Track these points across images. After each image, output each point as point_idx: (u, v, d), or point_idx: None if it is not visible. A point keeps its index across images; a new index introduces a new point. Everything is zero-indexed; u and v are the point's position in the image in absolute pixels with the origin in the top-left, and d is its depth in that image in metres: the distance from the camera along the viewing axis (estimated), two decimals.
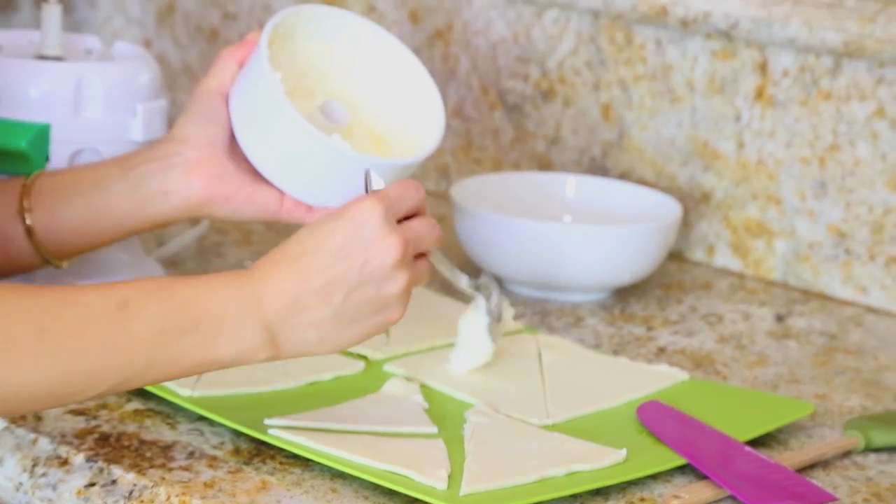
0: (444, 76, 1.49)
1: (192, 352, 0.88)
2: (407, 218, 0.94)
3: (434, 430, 0.99)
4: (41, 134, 1.13)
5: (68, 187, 1.06)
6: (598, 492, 0.95)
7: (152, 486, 0.93)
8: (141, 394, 1.03)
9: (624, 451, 0.97)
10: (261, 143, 1.03)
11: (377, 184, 0.95)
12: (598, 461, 0.96)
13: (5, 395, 0.85)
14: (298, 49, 1.07)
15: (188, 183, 1.04)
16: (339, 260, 0.90)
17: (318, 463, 0.95)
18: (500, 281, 1.28)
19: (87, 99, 1.15)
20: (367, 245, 0.91)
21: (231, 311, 0.89)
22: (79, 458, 0.96)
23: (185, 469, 0.94)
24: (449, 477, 0.93)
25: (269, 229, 1.37)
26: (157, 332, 0.87)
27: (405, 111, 1.08)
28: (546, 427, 1.02)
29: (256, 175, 1.04)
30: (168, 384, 1.02)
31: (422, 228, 0.94)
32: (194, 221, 1.31)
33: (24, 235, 1.06)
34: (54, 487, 0.95)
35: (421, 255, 0.95)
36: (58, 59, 1.17)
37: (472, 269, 1.31)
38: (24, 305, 0.85)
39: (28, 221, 1.05)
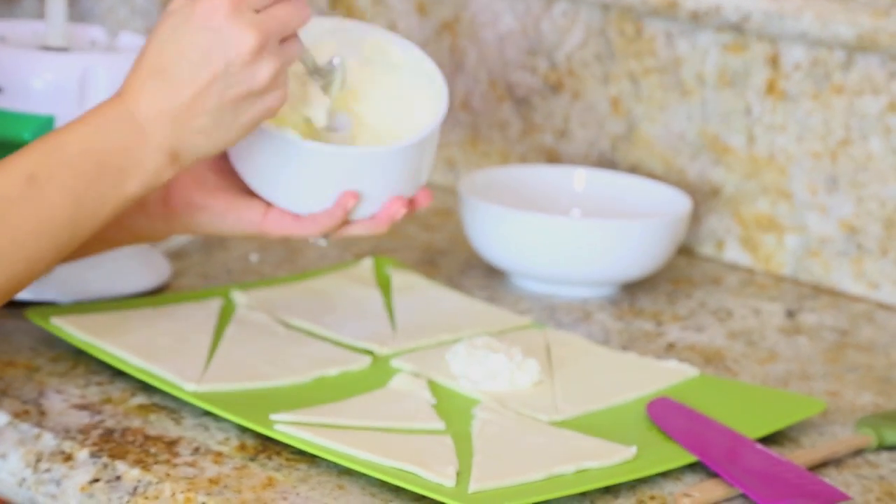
0: (451, 69, 1.48)
1: (107, 196, 0.93)
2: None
3: (442, 426, 0.99)
4: (45, 126, 1.12)
5: None
6: (607, 489, 0.94)
7: (157, 482, 0.92)
8: (145, 389, 1.03)
9: (634, 449, 0.96)
10: (237, 148, 1.01)
11: None
12: (608, 458, 0.95)
13: None
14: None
15: (164, 193, 1.02)
16: (200, 67, 0.92)
17: (325, 459, 0.94)
18: (507, 275, 1.27)
19: (91, 90, 1.14)
20: (223, 46, 0.92)
21: (126, 145, 0.93)
22: (83, 454, 0.95)
23: (191, 465, 0.94)
24: (457, 474, 0.92)
25: None
26: (70, 190, 0.91)
27: (412, 107, 1.05)
28: (555, 423, 1.01)
29: (244, 191, 1.02)
30: (172, 378, 1.01)
31: (284, 13, 0.94)
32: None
33: None
34: (58, 483, 0.95)
35: (290, 38, 0.95)
36: (62, 49, 1.17)
37: (480, 263, 1.30)
38: None
39: None
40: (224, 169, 1.03)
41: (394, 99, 1.05)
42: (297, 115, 1.03)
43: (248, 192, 1.03)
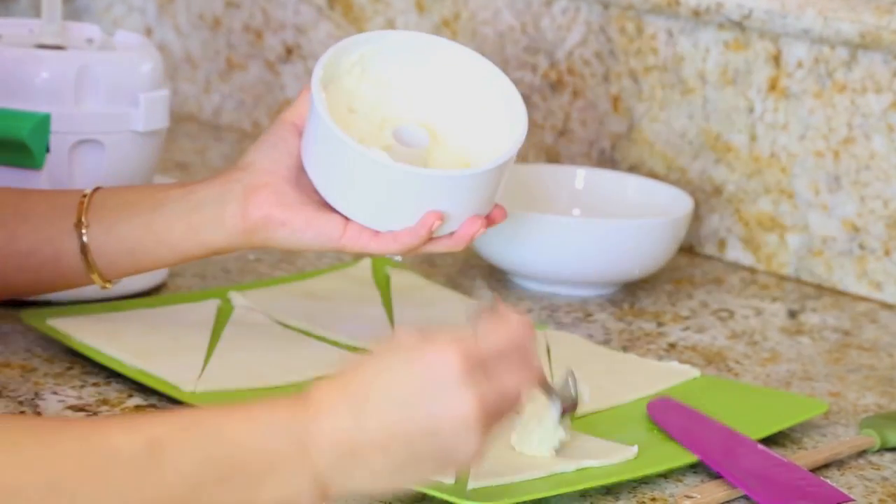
0: None
1: (229, 500, 0.78)
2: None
3: None
4: (41, 124, 1.12)
5: (128, 205, 1.02)
6: (608, 490, 0.94)
7: None
8: (142, 390, 1.02)
9: (635, 448, 0.95)
10: (317, 164, 1.00)
11: (476, 314, 0.83)
12: (609, 458, 0.95)
13: None
14: (378, 78, 1.03)
15: (243, 207, 1.00)
16: (404, 411, 0.78)
17: None
18: (507, 275, 1.27)
19: (88, 88, 1.13)
20: (435, 402, 0.78)
21: (279, 456, 0.78)
22: None
23: None
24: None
25: None
26: (192, 481, 0.77)
27: (489, 131, 1.03)
28: None
29: (322, 205, 1.00)
30: (170, 379, 1.00)
31: (513, 384, 0.80)
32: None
33: (78, 252, 1.02)
34: None
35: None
36: (58, 48, 1.16)
37: (480, 263, 1.29)
38: (39, 452, 0.75)
39: (84, 238, 1.02)
40: (303, 184, 1.01)
41: (469, 115, 1.03)
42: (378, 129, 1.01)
43: (327, 208, 1.00)
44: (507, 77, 1.03)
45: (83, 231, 1.02)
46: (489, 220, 1.02)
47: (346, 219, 1.00)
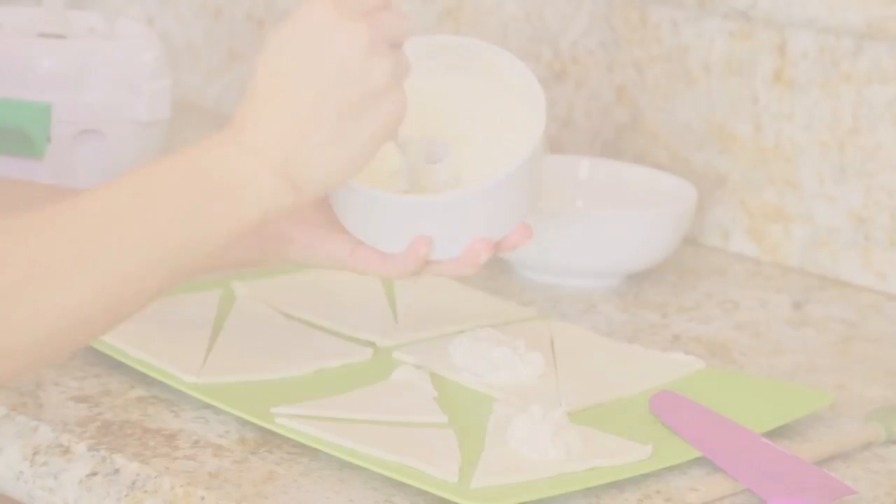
0: None
1: (223, 218, 0.87)
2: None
3: (444, 419, 0.98)
4: (42, 113, 1.11)
5: None
6: (612, 484, 0.93)
7: (156, 476, 0.91)
8: (144, 381, 1.02)
9: (649, 448, 0.95)
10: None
11: None
12: (621, 457, 0.94)
13: (56, 329, 0.83)
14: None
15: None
16: (312, 76, 0.86)
17: (326, 453, 0.93)
18: (510, 266, 1.26)
19: (89, 78, 1.13)
20: (335, 44, 0.86)
21: (244, 166, 0.87)
22: (81, 447, 0.94)
23: (190, 458, 0.93)
24: (459, 469, 0.91)
25: None
26: (187, 204, 0.86)
27: (518, 135, 0.99)
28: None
29: (337, 226, 0.99)
30: (172, 370, 1.00)
31: (388, 18, 0.88)
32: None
33: None
34: (56, 476, 0.94)
35: (399, 49, 0.89)
36: (59, 36, 1.16)
37: None
38: (30, 233, 0.83)
39: None
40: (318, 201, 0.99)
41: (501, 122, 1.00)
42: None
43: (339, 226, 0.99)
44: (538, 84, 0.99)
45: None
46: (506, 242, 0.98)
47: (358, 240, 0.98)
